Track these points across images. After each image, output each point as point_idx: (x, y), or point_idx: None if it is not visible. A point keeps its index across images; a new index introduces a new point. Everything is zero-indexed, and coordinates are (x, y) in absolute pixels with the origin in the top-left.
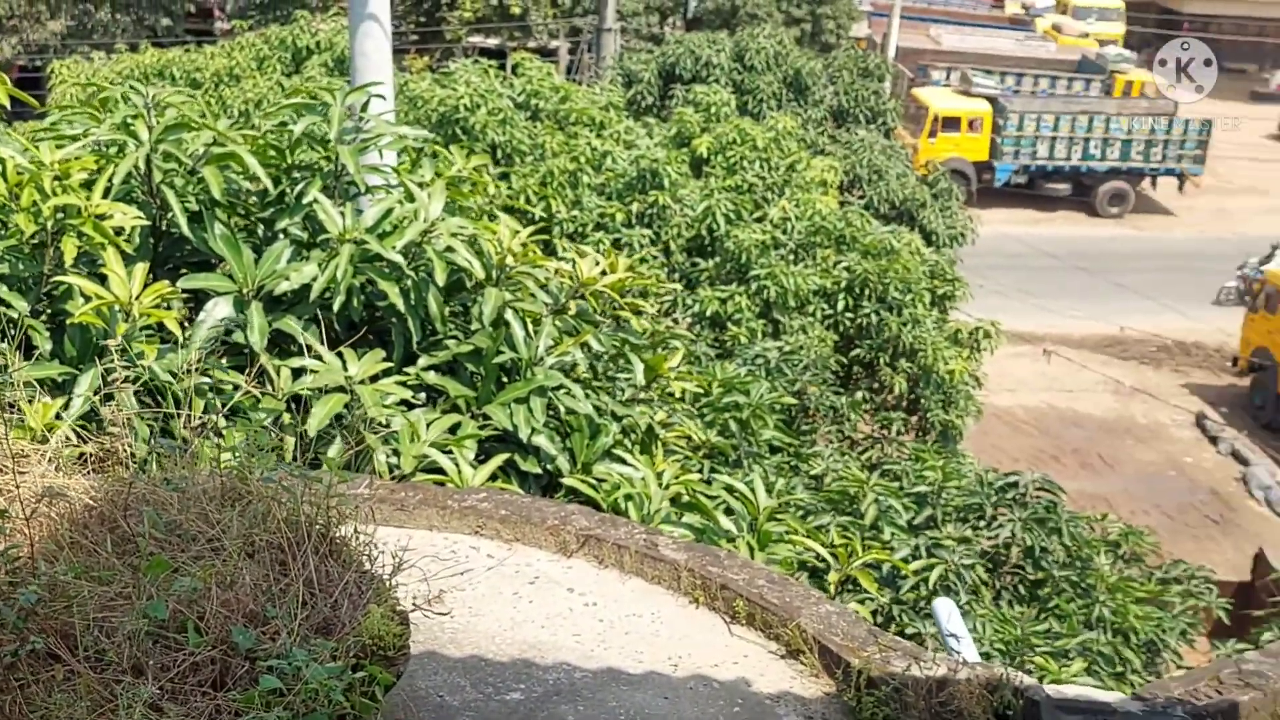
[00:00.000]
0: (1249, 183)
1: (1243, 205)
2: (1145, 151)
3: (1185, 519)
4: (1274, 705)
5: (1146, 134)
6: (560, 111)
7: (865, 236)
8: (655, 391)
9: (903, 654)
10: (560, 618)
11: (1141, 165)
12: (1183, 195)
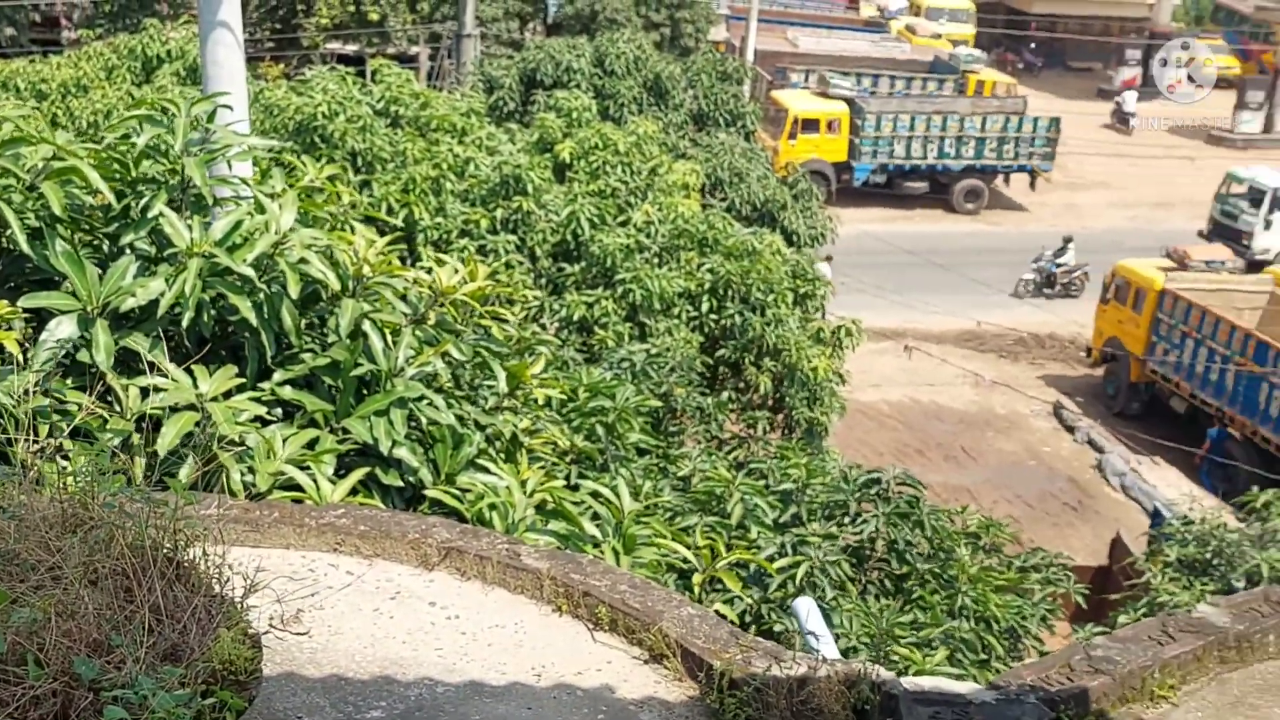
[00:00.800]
0: (1097, 178)
1: (1092, 199)
2: (998, 149)
3: (1045, 507)
4: (1122, 689)
5: (998, 132)
6: (421, 118)
7: (727, 239)
8: (519, 399)
9: (764, 654)
10: (422, 632)
11: (994, 163)
12: (1034, 191)
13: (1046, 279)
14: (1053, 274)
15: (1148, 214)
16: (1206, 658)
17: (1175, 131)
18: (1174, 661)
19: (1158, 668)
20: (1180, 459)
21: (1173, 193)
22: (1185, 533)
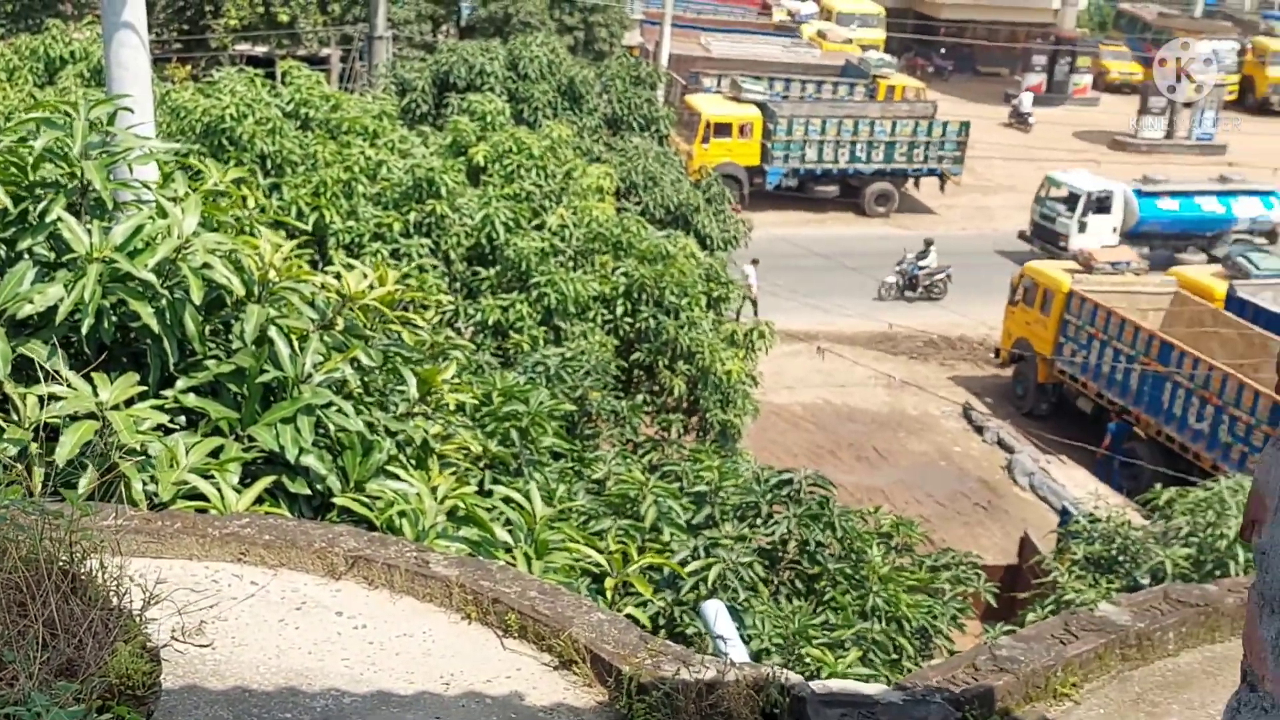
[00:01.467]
0: (1005, 181)
1: (1000, 202)
2: (908, 153)
3: (956, 506)
4: (1026, 688)
5: (909, 136)
6: (332, 120)
7: (642, 242)
8: (430, 404)
9: (673, 658)
10: (328, 642)
11: (905, 166)
12: (944, 194)
13: (909, 281)
14: (915, 276)
15: None
16: (1108, 656)
17: (1080, 136)
18: (1076, 660)
19: (1061, 666)
20: (1087, 458)
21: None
22: (1091, 531)
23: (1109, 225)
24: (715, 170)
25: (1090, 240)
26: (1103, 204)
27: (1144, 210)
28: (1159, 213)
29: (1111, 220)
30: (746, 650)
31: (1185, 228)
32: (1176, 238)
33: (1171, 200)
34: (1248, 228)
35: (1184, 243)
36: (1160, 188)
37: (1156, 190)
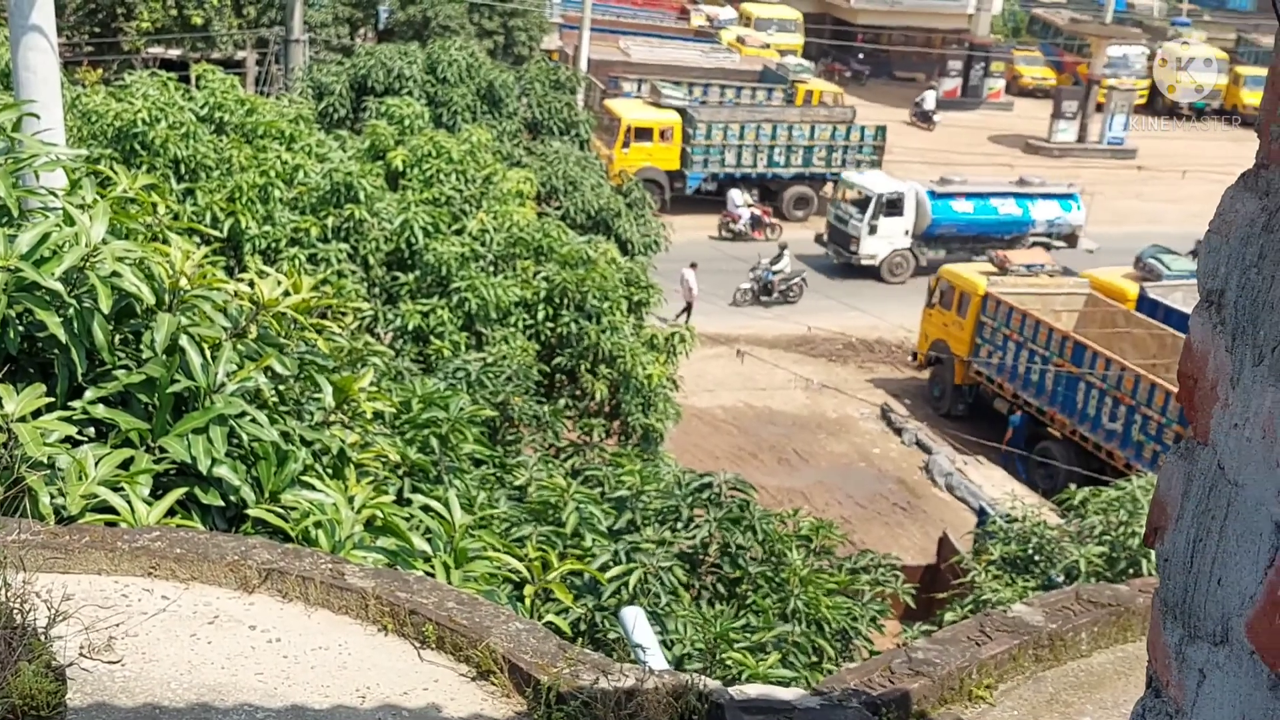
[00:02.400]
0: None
1: None
2: (826, 157)
3: (876, 507)
4: (942, 690)
5: (827, 140)
6: (247, 125)
7: (563, 246)
8: (347, 413)
9: (591, 667)
10: (242, 657)
11: (823, 170)
12: None
13: (764, 287)
14: (770, 282)
15: None
16: (1022, 657)
17: (995, 140)
18: (991, 661)
19: (975, 668)
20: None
21: None
22: (1008, 531)
23: (900, 228)
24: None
25: (881, 244)
26: (894, 206)
27: (937, 212)
28: (953, 215)
29: (903, 223)
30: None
31: (981, 230)
32: (974, 240)
33: (966, 202)
34: (1045, 230)
35: (982, 245)
36: (955, 189)
37: (950, 192)
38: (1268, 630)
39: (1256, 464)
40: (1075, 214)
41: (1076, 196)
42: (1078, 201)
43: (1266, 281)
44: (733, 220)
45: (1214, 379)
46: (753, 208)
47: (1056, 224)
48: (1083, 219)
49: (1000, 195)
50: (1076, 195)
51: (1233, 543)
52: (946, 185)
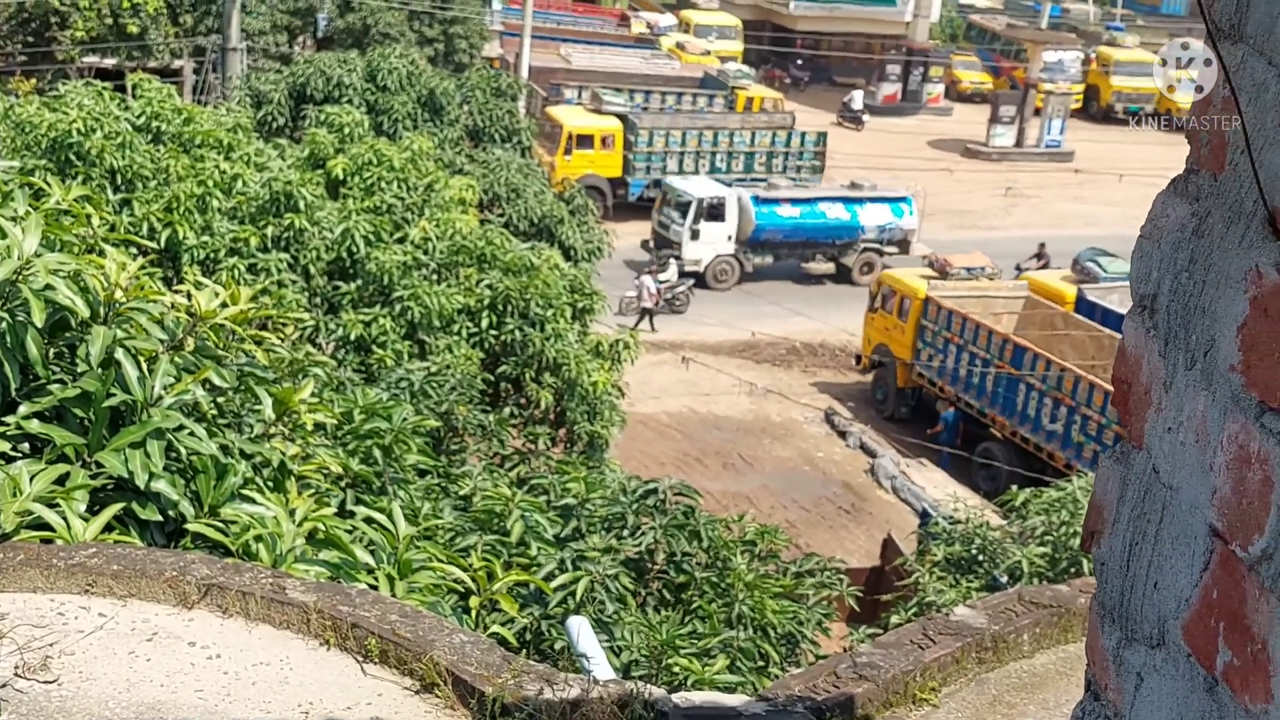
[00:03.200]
0: None
1: None
2: (767, 163)
3: (821, 511)
4: (886, 694)
5: (767, 147)
6: (185, 134)
7: (506, 254)
8: (287, 425)
9: (536, 678)
10: (182, 674)
11: (764, 176)
12: None
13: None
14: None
15: None
16: (965, 659)
17: (934, 145)
18: (935, 664)
19: (919, 671)
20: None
21: (933, 204)
22: (951, 532)
23: (723, 233)
24: (578, 182)
25: (704, 249)
26: (715, 211)
27: (761, 218)
28: (778, 220)
29: (725, 228)
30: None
31: (809, 235)
32: (802, 246)
33: (792, 207)
34: (876, 236)
35: (811, 251)
36: (780, 194)
37: (776, 197)
38: (1203, 633)
39: (1190, 467)
40: (908, 219)
41: (909, 200)
42: (910, 205)
43: (1197, 286)
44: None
45: (1148, 383)
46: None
47: (888, 229)
48: (915, 223)
49: (828, 200)
50: (909, 199)
51: (1168, 546)
52: (772, 190)
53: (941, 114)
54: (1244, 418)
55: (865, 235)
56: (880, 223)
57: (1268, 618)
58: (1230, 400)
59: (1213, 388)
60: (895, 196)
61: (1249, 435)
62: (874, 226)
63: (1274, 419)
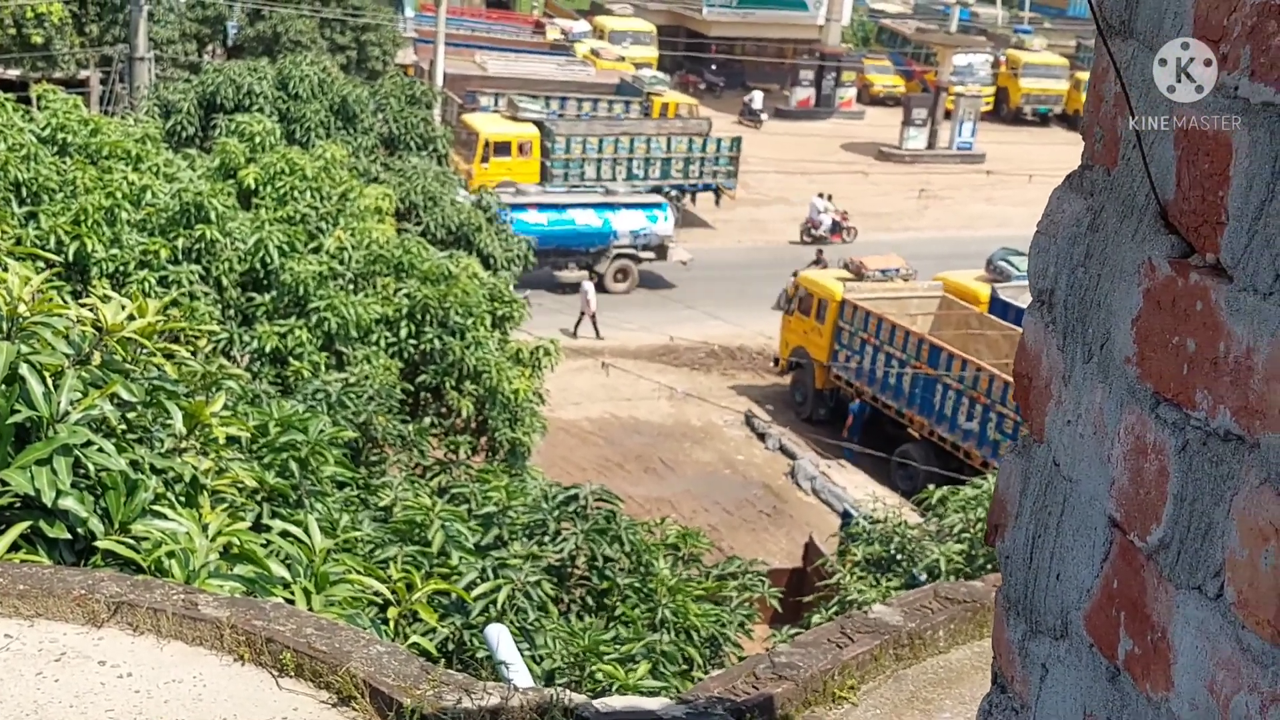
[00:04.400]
0: (778, 194)
1: (773, 215)
2: (684, 169)
3: (742, 514)
4: (805, 693)
5: (684, 152)
6: (91, 145)
7: (424, 263)
8: (199, 439)
9: (455, 687)
10: (91, 694)
11: (681, 182)
12: (719, 208)
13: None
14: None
15: None
16: (883, 656)
17: (848, 148)
18: (853, 662)
19: (837, 669)
20: (866, 461)
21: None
22: (871, 532)
23: None
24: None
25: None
26: None
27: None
28: (524, 227)
29: None
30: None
31: (559, 243)
32: (553, 253)
33: (539, 214)
34: (630, 242)
35: (564, 259)
36: (528, 200)
37: (522, 203)
38: (1105, 622)
39: (1089, 459)
40: (663, 224)
41: (664, 206)
42: (665, 211)
43: (1093, 280)
44: (814, 226)
45: (1048, 377)
46: (832, 213)
47: (641, 235)
48: (670, 229)
49: (578, 207)
50: (664, 205)
51: (1069, 538)
52: (519, 197)
53: (855, 117)
54: (1139, 409)
55: (619, 241)
56: (634, 228)
57: (1167, 606)
58: (1126, 392)
59: (1109, 380)
60: (650, 202)
61: (1144, 426)
62: (627, 232)
63: (1168, 410)
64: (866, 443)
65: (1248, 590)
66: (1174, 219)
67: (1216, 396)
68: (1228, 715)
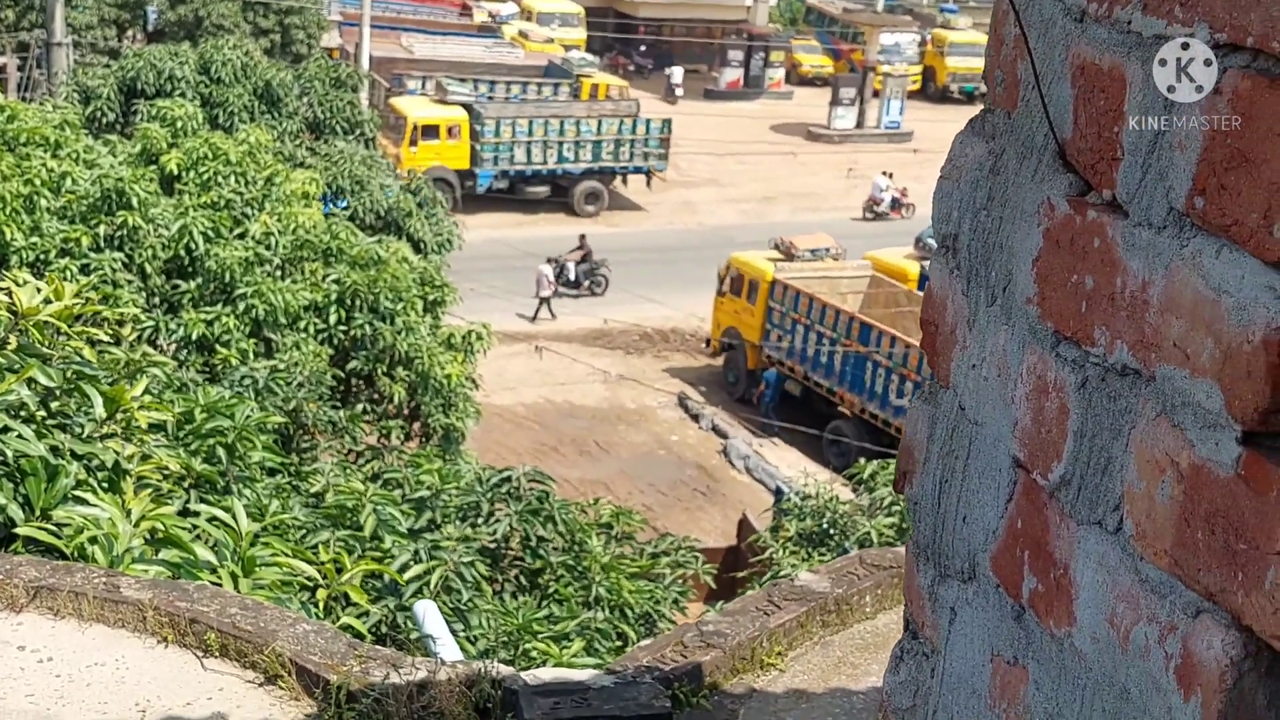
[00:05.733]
0: (708, 175)
1: (705, 196)
2: (615, 151)
3: (677, 494)
4: (733, 661)
5: (614, 134)
6: (9, 132)
7: (352, 248)
8: (120, 425)
9: (382, 663)
10: (11, 679)
11: (612, 164)
12: (650, 191)
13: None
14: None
15: (756, 208)
16: (810, 623)
17: (777, 129)
18: (780, 629)
19: (765, 636)
20: (799, 439)
21: (777, 187)
22: (803, 508)
23: None
24: (426, 174)
25: None
26: None
27: None
28: None
29: None
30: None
31: None
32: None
33: None
34: None
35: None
36: None
37: None
38: (1010, 562)
39: (993, 401)
40: None
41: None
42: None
43: (995, 223)
44: (876, 203)
45: (953, 323)
46: (892, 190)
47: None
48: None
49: None
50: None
51: (976, 480)
52: None
53: (783, 98)
54: (1040, 349)
55: None
56: None
57: (1069, 543)
58: (1028, 332)
59: (1012, 322)
60: None
61: (1046, 365)
62: None
63: (1069, 348)
64: (798, 420)
65: (1145, 522)
66: (1072, 157)
67: (1114, 332)
68: (1128, 646)
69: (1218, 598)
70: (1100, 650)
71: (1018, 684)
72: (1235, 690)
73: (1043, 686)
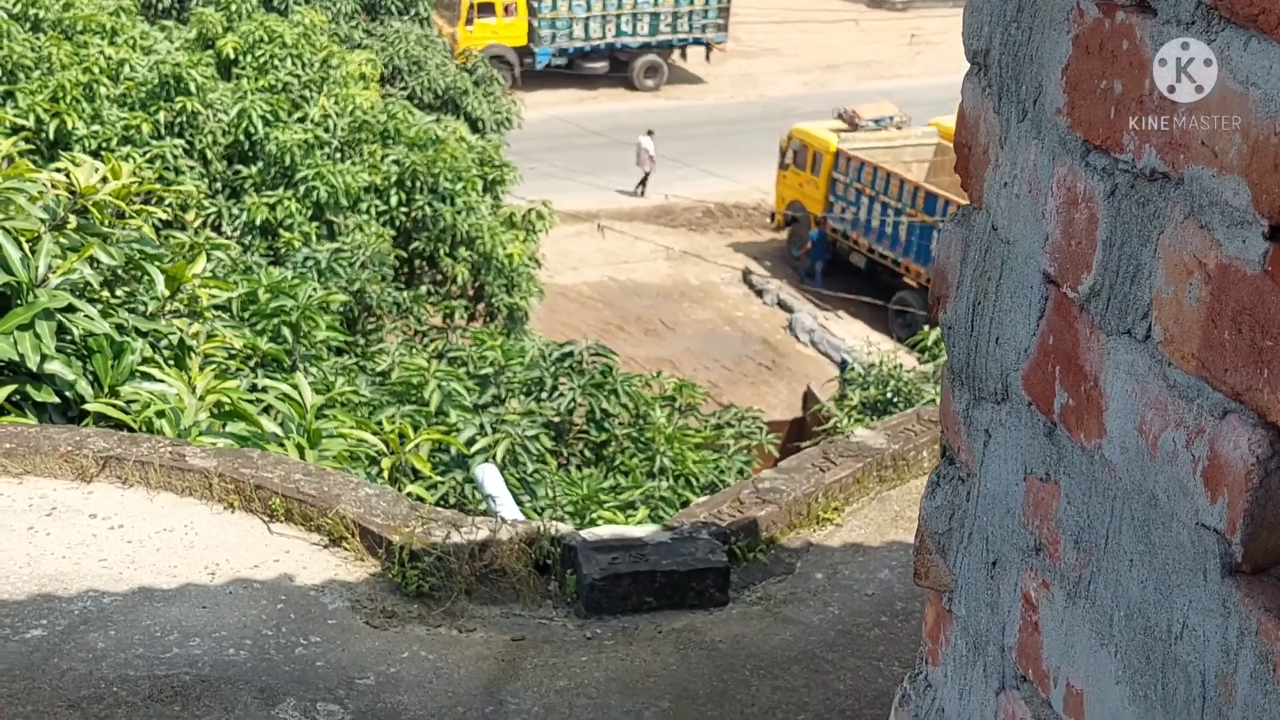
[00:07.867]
0: (768, 45)
1: (765, 67)
2: (673, 24)
3: (743, 369)
4: (790, 516)
5: (672, 6)
6: (65, 20)
7: (410, 129)
8: (182, 303)
9: (444, 523)
10: (83, 546)
11: (670, 37)
12: (710, 63)
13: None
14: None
15: (819, 78)
16: (866, 478)
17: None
18: (836, 485)
19: (821, 492)
20: (865, 311)
21: (840, 55)
22: (866, 377)
23: None
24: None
25: None
26: None
27: None
28: None
29: None
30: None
31: None
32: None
33: None
34: None
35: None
36: None
37: None
38: (1041, 379)
39: (1025, 218)
40: None
41: None
42: None
43: (1025, 34)
44: None
45: (985, 142)
46: None
47: None
48: None
49: None
50: None
51: (1008, 300)
52: None
53: None
54: (1070, 160)
55: None
56: None
57: (1099, 354)
58: (1058, 144)
59: (1042, 135)
60: None
61: (1075, 176)
62: None
63: (1098, 156)
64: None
65: (1173, 326)
66: None
67: (1143, 136)
68: (1156, 453)
69: (1244, 397)
70: (1129, 460)
71: (1050, 499)
72: (1261, 489)
73: (1074, 500)
